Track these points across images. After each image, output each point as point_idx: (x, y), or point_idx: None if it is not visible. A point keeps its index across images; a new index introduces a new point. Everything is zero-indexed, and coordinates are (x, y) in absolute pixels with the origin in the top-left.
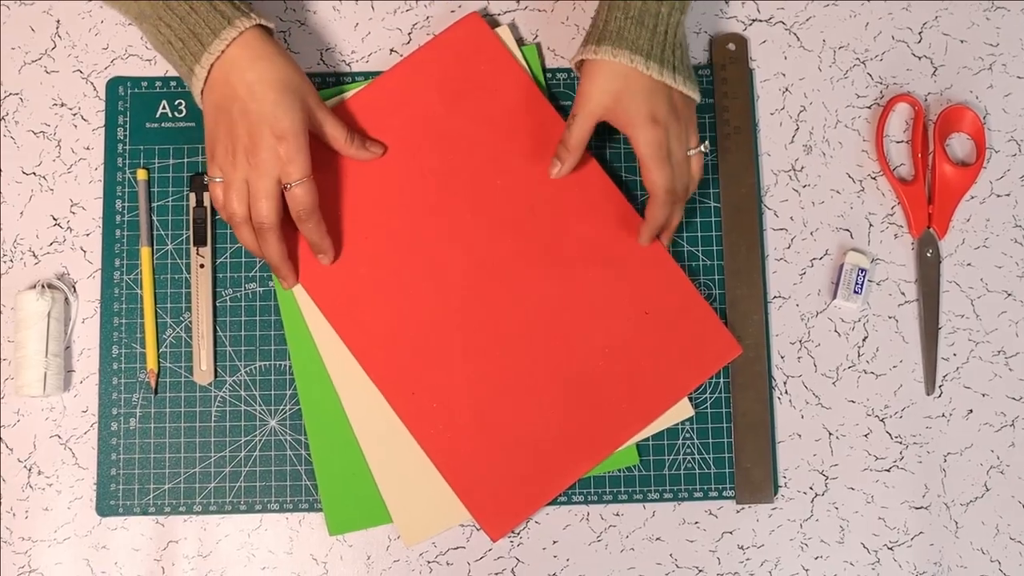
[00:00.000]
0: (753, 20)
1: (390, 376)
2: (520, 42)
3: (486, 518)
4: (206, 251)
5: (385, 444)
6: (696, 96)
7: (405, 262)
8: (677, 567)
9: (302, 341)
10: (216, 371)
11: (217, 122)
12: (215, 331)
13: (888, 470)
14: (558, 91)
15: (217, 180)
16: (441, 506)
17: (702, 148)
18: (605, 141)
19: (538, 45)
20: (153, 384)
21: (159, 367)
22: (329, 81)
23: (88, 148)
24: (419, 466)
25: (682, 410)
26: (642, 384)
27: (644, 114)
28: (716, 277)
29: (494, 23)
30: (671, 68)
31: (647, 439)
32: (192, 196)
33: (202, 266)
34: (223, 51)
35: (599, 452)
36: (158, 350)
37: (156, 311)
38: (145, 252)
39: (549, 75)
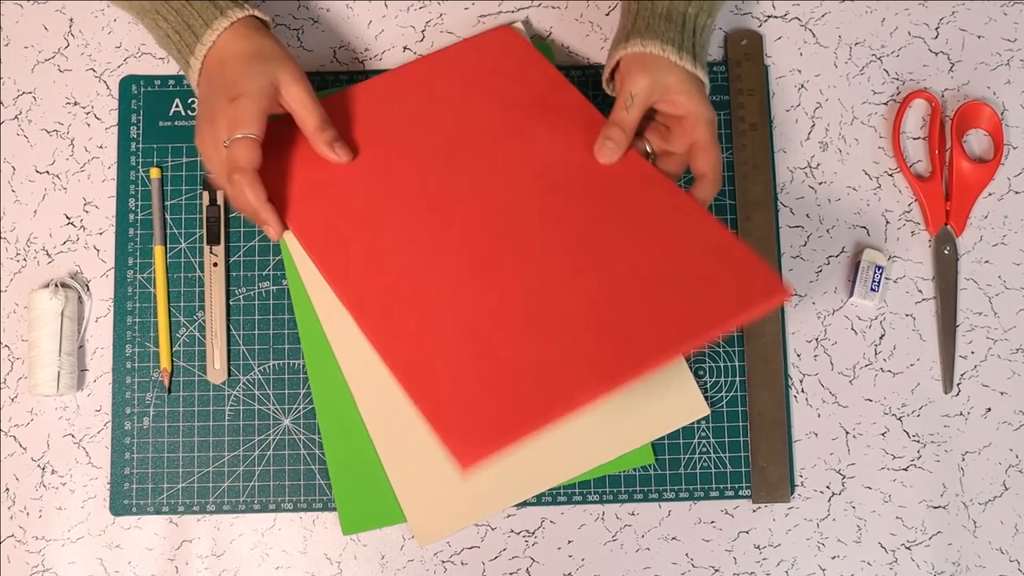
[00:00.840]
0: (768, 16)
1: (364, 297)
2: (534, 39)
3: (455, 440)
4: (219, 250)
5: (399, 442)
6: (707, 83)
7: (411, 219)
8: (693, 567)
9: (315, 338)
10: (230, 370)
11: (201, 104)
12: (228, 330)
13: (906, 469)
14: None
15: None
16: (455, 506)
17: None
18: None
19: (551, 42)
20: (167, 383)
21: (172, 366)
22: (343, 79)
23: (101, 147)
24: (433, 465)
25: (697, 408)
26: (665, 315)
27: (702, 97)
28: None
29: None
30: (703, 64)
31: (662, 438)
32: (205, 194)
33: (215, 265)
34: (215, 41)
35: (605, 382)
36: (172, 349)
37: (169, 310)
38: (158, 251)
39: (562, 72)
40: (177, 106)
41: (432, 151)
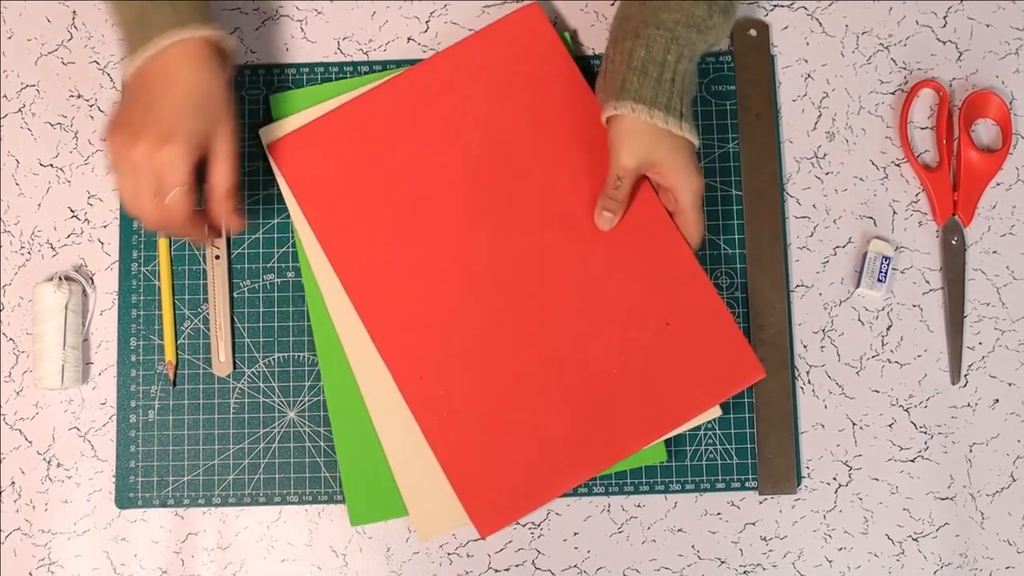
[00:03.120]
0: (775, 5)
1: (401, 357)
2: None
3: (478, 513)
4: (221, 242)
5: (404, 436)
6: (697, 141)
7: (434, 246)
8: (699, 559)
9: (327, 330)
10: (235, 363)
11: (127, 105)
12: (233, 323)
13: (913, 460)
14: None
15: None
16: (456, 503)
17: None
18: None
19: (574, 33)
20: (171, 376)
21: (177, 359)
22: (347, 70)
23: (105, 140)
24: (436, 462)
25: (711, 410)
26: (656, 398)
27: (688, 166)
28: (738, 266)
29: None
30: (677, 115)
31: None
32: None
33: (217, 257)
34: (164, 49)
35: (603, 460)
36: (176, 342)
37: (174, 302)
38: (163, 243)
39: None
40: None
41: (457, 175)
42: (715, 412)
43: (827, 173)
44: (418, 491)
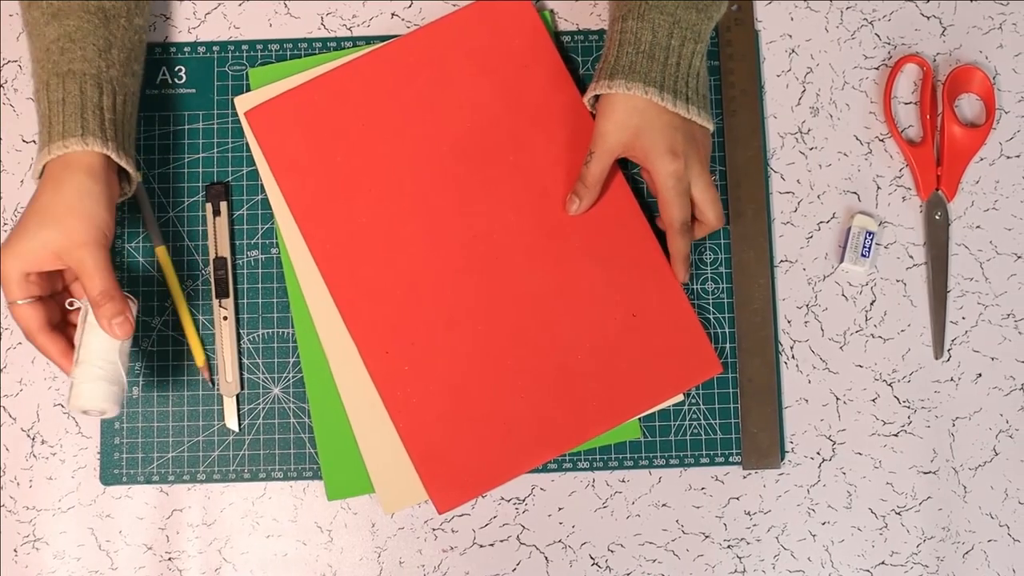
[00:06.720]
0: None
1: (368, 331)
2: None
3: (436, 489)
4: (228, 303)
5: (369, 410)
6: (710, 126)
7: (406, 221)
8: (683, 533)
9: (304, 303)
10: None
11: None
12: (239, 343)
13: (896, 435)
14: (563, 54)
15: None
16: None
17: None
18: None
19: (541, 6)
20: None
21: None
22: (330, 46)
23: None
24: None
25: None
26: (618, 386)
27: (663, 148)
28: (722, 241)
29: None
30: (684, 98)
31: None
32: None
33: (225, 318)
34: (60, 156)
35: (564, 443)
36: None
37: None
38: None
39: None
40: (164, 74)
41: (432, 151)
42: (677, 397)
43: (811, 148)
44: (383, 464)
